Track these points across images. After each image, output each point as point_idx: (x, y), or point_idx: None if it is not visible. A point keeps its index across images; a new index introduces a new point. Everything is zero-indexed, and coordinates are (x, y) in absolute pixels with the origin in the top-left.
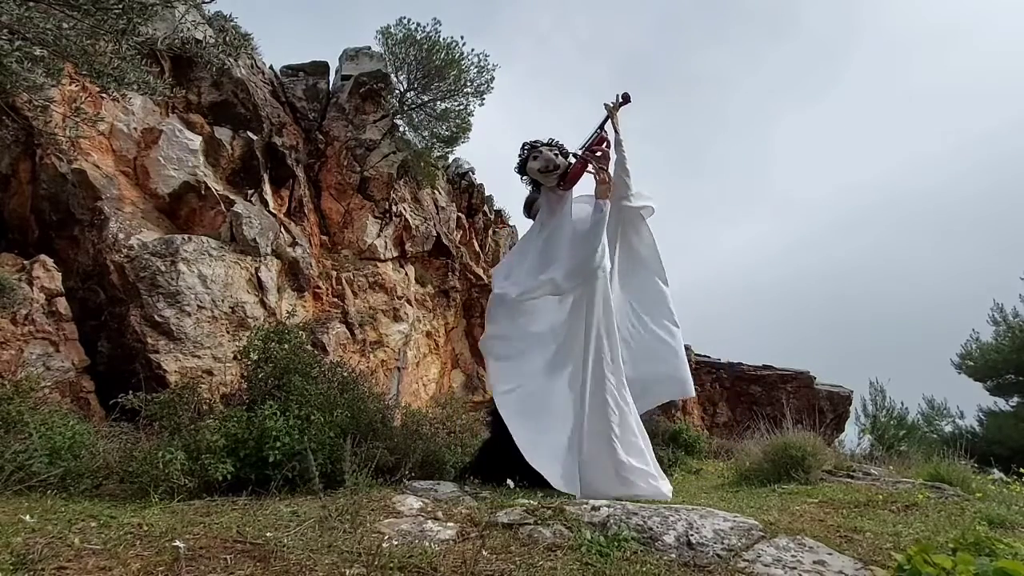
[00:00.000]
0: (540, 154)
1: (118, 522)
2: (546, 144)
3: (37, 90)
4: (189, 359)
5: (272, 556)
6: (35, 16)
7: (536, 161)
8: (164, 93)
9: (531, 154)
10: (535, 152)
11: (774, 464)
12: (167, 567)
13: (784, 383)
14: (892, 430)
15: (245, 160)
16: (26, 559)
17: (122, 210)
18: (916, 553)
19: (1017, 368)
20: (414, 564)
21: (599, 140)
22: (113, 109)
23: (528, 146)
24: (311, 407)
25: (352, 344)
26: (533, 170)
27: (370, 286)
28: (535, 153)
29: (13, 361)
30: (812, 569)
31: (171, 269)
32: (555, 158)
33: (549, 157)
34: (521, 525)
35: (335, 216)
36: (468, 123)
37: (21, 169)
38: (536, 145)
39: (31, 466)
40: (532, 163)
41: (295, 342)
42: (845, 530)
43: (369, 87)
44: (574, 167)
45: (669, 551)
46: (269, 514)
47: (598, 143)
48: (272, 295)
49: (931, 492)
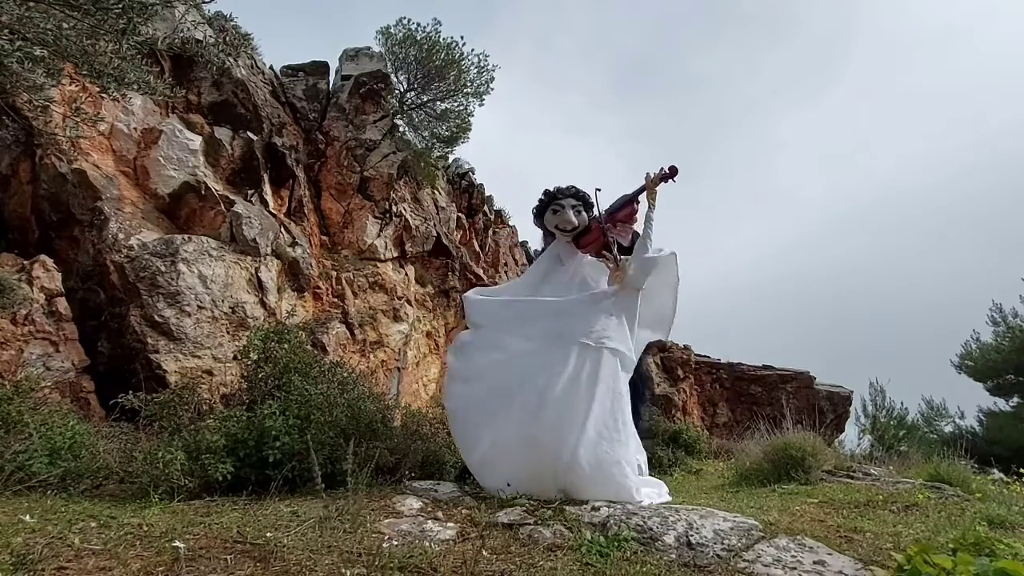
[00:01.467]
0: (561, 209)
1: (118, 522)
2: (569, 195)
3: (37, 90)
4: (189, 359)
5: (272, 556)
6: (35, 16)
7: (555, 216)
8: (164, 93)
9: (551, 205)
10: (556, 205)
11: (774, 464)
12: (167, 567)
13: (784, 383)
14: (892, 430)
15: (245, 160)
16: (26, 559)
17: (122, 210)
18: (916, 553)
19: (1017, 368)
20: (414, 564)
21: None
22: (113, 109)
23: (549, 195)
24: (311, 407)
25: (352, 344)
26: (550, 224)
27: (370, 286)
28: (555, 206)
29: (13, 361)
30: (812, 569)
31: (171, 269)
32: (573, 219)
33: (568, 219)
34: (521, 525)
35: (335, 216)
36: (468, 123)
37: (21, 169)
38: (557, 196)
39: (31, 466)
40: (550, 216)
41: (295, 342)
42: (845, 530)
43: (369, 87)
44: (591, 235)
45: (669, 551)
46: (269, 514)
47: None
48: (272, 295)
49: (931, 492)
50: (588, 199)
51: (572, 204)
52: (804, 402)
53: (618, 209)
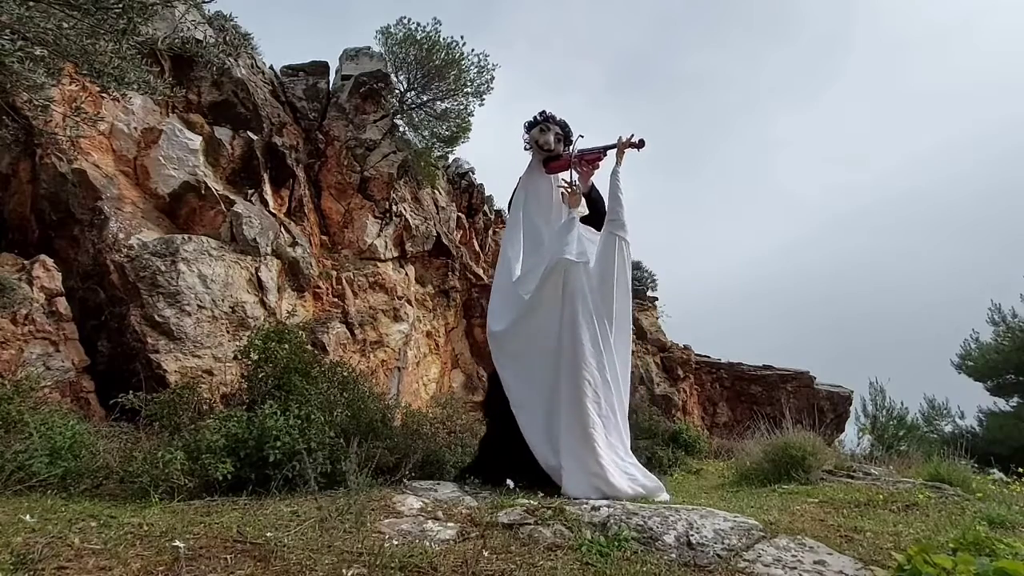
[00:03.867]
0: (548, 130)
1: (118, 522)
2: (558, 125)
3: (37, 90)
4: (189, 359)
5: (272, 556)
6: (35, 16)
7: (540, 134)
8: (164, 93)
9: (541, 124)
10: (545, 125)
11: (774, 464)
12: (167, 567)
13: (784, 383)
14: (892, 430)
15: (245, 160)
16: (26, 559)
17: (122, 210)
18: (916, 553)
19: (1017, 368)
20: (414, 564)
21: (595, 158)
22: (113, 109)
23: (544, 117)
24: (311, 407)
25: (352, 344)
26: (534, 136)
27: (370, 286)
28: (544, 126)
29: (13, 361)
30: (812, 569)
31: (171, 269)
32: (552, 142)
33: (548, 140)
34: (521, 525)
35: (335, 216)
36: (468, 123)
37: (21, 169)
38: (549, 120)
39: (31, 466)
40: (536, 132)
41: (295, 342)
42: (845, 530)
43: (369, 87)
44: (560, 161)
45: (669, 551)
46: (269, 514)
47: (593, 158)
48: (272, 295)
49: (931, 492)
50: (570, 136)
51: (555, 132)
52: (804, 402)
53: (587, 152)
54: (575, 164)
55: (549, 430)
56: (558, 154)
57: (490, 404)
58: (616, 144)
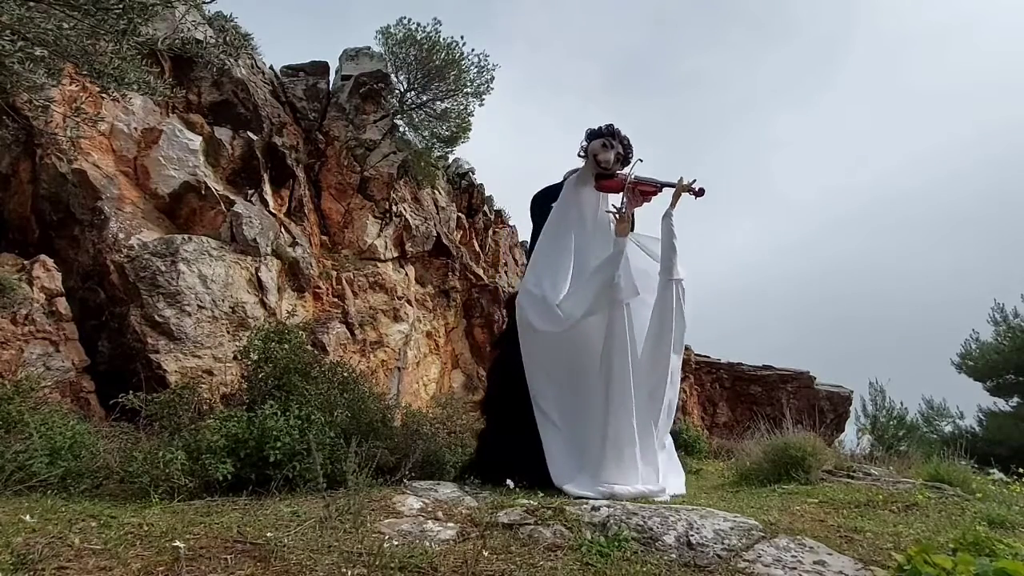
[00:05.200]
0: (610, 147)
1: (118, 522)
2: (622, 145)
3: (37, 90)
4: (189, 359)
5: (272, 556)
6: (36, 16)
7: (602, 149)
8: (164, 93)
9: (606, 139)
10: (609, 141)
11: (774, 464)
12: (167, 567)
13: (784, 383)
14: (892, 430)
15: (245, 160)
16: (26, 559)
17: (122, 210)
18: (916, 553)
19: (1017, 368)
20: (415, 564)
21: (651, 190)
22: (113, 109)
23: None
24: (311, 407)
25: (352, 344)
26: (594, 149)
27: (370, 286)
28: (608, 142)
29: (13, 361)
30: (812, 569)
31: (171, 269)
32: (611, 160)
33: (608, 158)
34: (521, 525)
35: (335, 216)
36: (468, 123)
37: (21, 169)
38: (615, 136)
39: (31, 466)
40: (598, 145)
41: (295, 342)
42: (845, 530)
43: (369, 87)
44: (614, 181)
45: (669, 551)
46: (269, 514)
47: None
48: (272, 295)
49: (931, 492)
50: (629, 157)
51: (617, 151)
52: (804, 402)
53: (645, 182)
54: (628, 191)
55: (580, 448)
56: (612, 173)
57: (489, 403)
58: (675, 184)
